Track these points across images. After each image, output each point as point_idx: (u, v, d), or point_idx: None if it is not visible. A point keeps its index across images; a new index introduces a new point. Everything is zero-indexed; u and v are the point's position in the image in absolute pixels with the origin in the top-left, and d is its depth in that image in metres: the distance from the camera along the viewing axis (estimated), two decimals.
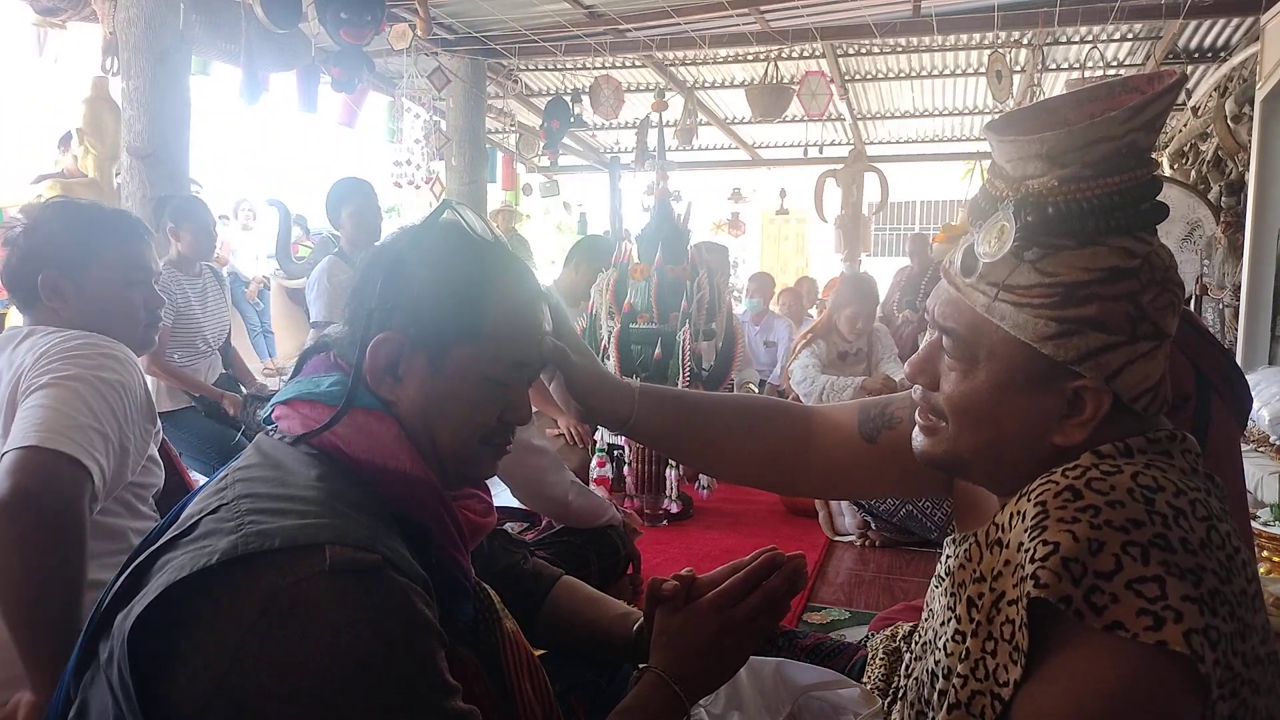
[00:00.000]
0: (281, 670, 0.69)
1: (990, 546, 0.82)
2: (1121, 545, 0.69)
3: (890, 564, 2.73)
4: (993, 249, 0.80)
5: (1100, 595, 0.68)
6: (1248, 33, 5.32)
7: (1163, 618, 0.66)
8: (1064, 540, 0.70)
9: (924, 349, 0.89)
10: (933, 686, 0.85)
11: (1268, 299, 4.56)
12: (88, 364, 1.36)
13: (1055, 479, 0.77)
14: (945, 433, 0.87)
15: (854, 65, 6.90)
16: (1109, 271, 0.76)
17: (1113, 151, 0.76)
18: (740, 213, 10.23)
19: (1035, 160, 0.79)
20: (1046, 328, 0.77)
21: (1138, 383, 0.78)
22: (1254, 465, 3.22)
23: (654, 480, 3.03)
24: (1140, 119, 0.75)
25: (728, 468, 1.19)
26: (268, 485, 0.80)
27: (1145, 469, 0.75)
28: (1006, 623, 0.75)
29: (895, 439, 1.07)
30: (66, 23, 4.56)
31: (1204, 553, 0.70)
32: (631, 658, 1.16)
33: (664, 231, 3.11)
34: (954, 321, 0.83)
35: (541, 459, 2.07)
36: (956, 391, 0.84)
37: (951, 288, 0.85)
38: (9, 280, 1.54)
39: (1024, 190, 0.79)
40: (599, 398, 1.10)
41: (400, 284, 0.87)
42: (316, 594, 0.71)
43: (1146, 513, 0.71)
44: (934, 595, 0.97)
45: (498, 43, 5.93)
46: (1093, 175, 0.76)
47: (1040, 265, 0.78)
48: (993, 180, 0.84)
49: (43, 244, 1.51)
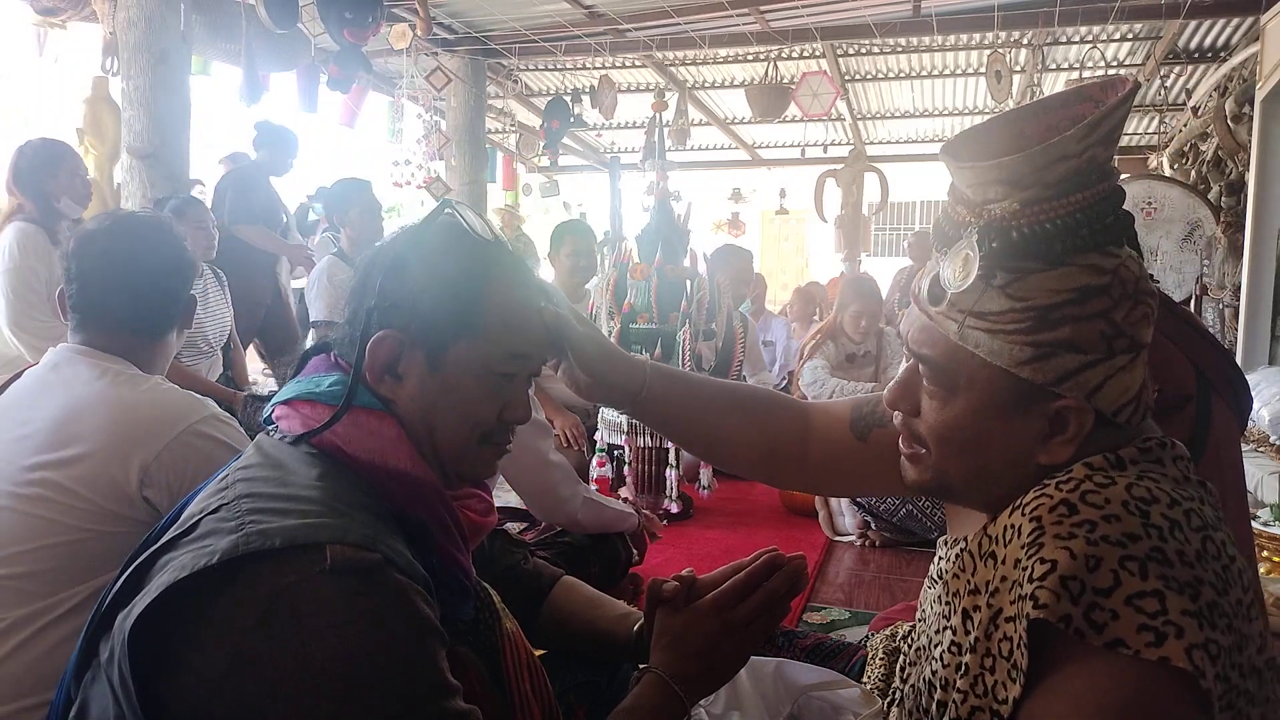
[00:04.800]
0: (282, 670, 0.70)
1: (984, 558, 0.81)
2: (1119, 560, 0.68)
3: (890, 564, 2.73)
4: (958, 278, 0.79)
5: (1100, 612, 0.68)
6: (1248, 33, 5.31)
7: (1164, 633, 0.66)
8: (1061, 558, 0.70)
9: (902, 375, 0.88)
10: (930, 696, 0.85)
11: (1268, 299, 4.56)
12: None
13: (1049, 492, 0.76)
14: (928, 460, 0.86)
15: (854, 65, 6.90)
16: (1080, 291, 0.75)
17: (1072, 170, 0.75)
18: (740, 213, 10.24)
19: (995, 185, 0.77)
20: (1022, 352, 0.76)
21: (1118, 396, 0.77)
22: (1254, 465, 3.22)
23: (654, 480, 3.03)
24: (1097, 134, 0.75)
25: (727, 454, 1.18)
26: (268, 485, 0.80)
27: (1138, 480, 0.75)
28: (1004, 640, 0.74)
29: (885, 437, 1.06)
30: (66, 23, 4.56)
31: (1200, 565, 0.70)
32: (632, 658, 1.16)
33: (664, 231, 3.11)
34: (929, 349, 0.83)
35: (555, 472, 2.07)
36: (938, 420, 0.84)
37: (923, 315, 0.84)
38: (130, 307, 1.41)
39: (986, 216, 0.78)
40: (609, 370, 1.07)
41: (399, 282, 0.88)
42: (317, 593, 0.71)
43: (1142, 526, 0.70)
44: (926, 597, 0.96)
45: (498, 43, 5.93)
46: (1054, 195, 0.76)
47: (1009, 290, 0.77)
48: (954, 205, 0.82)
49: (186, 275, 1.47)
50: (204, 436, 1.34)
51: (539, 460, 2.02)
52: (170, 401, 1.36)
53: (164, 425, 1.31)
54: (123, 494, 1.27)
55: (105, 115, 4.44)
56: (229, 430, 1.38)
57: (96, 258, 1.39)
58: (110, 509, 1.27)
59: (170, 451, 1.30)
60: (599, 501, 2.20)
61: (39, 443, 1.28)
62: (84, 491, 1.26)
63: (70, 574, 1.24)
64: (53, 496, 1.25)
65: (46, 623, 1.22)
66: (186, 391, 1.41)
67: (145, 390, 1.37)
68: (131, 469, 1.27)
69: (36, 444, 1.28)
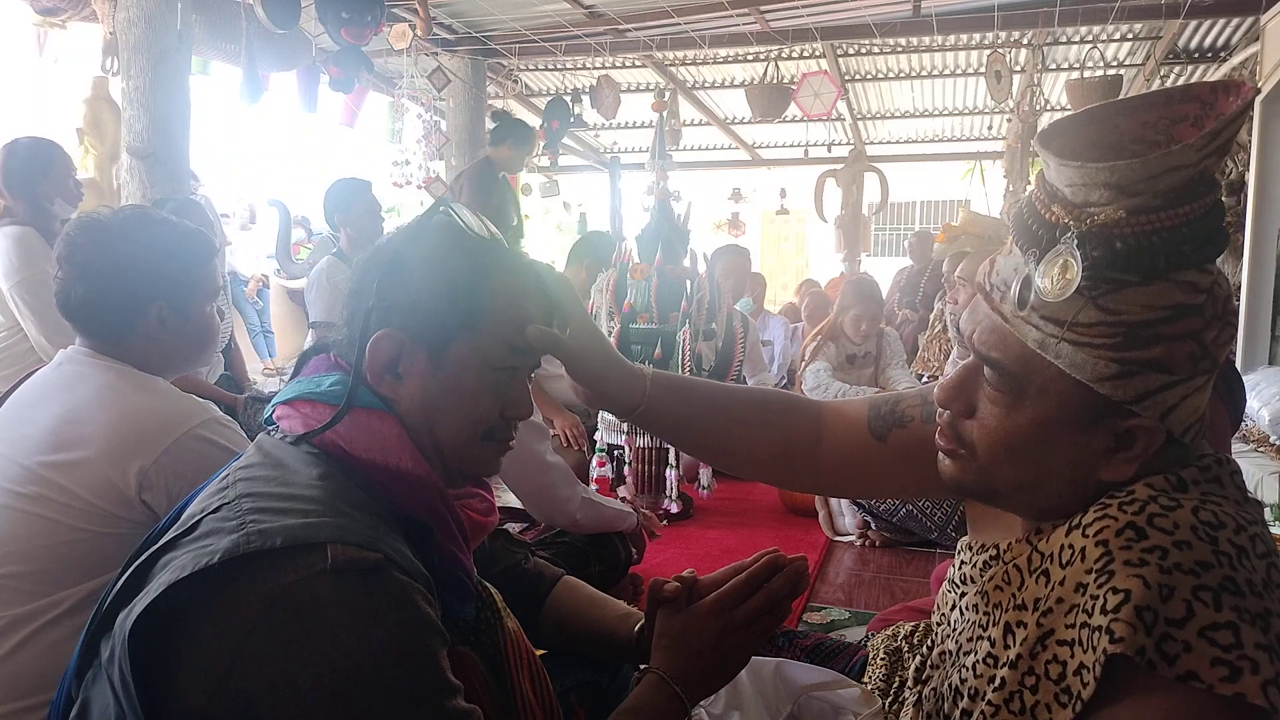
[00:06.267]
0: (283, 669, 0.69)
1: (1036, 575, 0.79)
2: (1192, 590, 0.66)
3: (890, 564, 2.73)
4: (1055, 286, 0.73)
5: (1172, 644, 0.65)
6: (1248, 33, 5.32)
7: (1239, 668, 0.64)
8: (1135, 587, 0.67)
9: (959, 373, 0.84)
10: (955, 704, 0.84)
11: (1268, 299, 4.56)
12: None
13: (1112, 514, 0.73)
14: (974, 463, 0.83)
15: (854, 65, 6.91)
16: (1174, 309, 0.71)
17: (1186, 180, 0.71)
18: (740, 213, 10.24)
19: (1100, 189, 0.73)
20: (1107, 369, 0.72)
21: (1188, 416, 0.74)
22: (1254, 465, 3.22)
23: (654, 480, 3.03)
24: (1215, 144, 0.70)
25: (738, 461, 1.13)
26: (269, 484, 0.80)
27: (1203, 503, 0.72)
28: (1054, 662, 0.72)
29: (906, 438, 1.03)
30: (66, 23, 4.56)
31: (1269, 594, 0.68)
32: (633, 658, 1.16)
33: (664, 231, 3.11)
34: (999, 353, 0.78)
35: (553, 474, 2.07)
36: (998, 427, 0.80)
37: (995, 315, 0.79)
38: (90, 309, 1.38)
39: (1088, 221, 0.73)
40: (609, 383, 1.04)
41: (397, 281, 0.88)
42: (318, 593, 0.71)
43: (1213, 553, 0.68)
44: (949, 600, 0.94)
45: (498, 43, 5.94)
46: (1163, 205, 0.71)
47: (1101, 302, 0.72)
48: (1047, 204, 0.76)
49: (152, 272, 1.40)
50: (203, 440, 1.33)
51: (537, 462, 2.02)
52: (170, 405, 1.36)
53: (164, 430, 1.31)
54: (121, 497, 1.27)
55: (105, 115, 4.45)
56: (229, 433, 1.38)
57: (65, 261, 1.39)
58: (109, 510, 1.27)
59: (169, 455, 1.29)
60: (597, 502, 2.20)
61: (40, 443, 1.28)
62: (83, 493, 1.26)
63: (69, 574, 1.25)
64: (53, 497, 1.25)
65: (46, 622, 1.22)
66: (187, 395, 1.40)
67: (146, 393, 1.36)
68: (130, 473, 1.27)
69: (38, 444, 1.28)
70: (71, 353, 1.40)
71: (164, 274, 1.42)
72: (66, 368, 1.38)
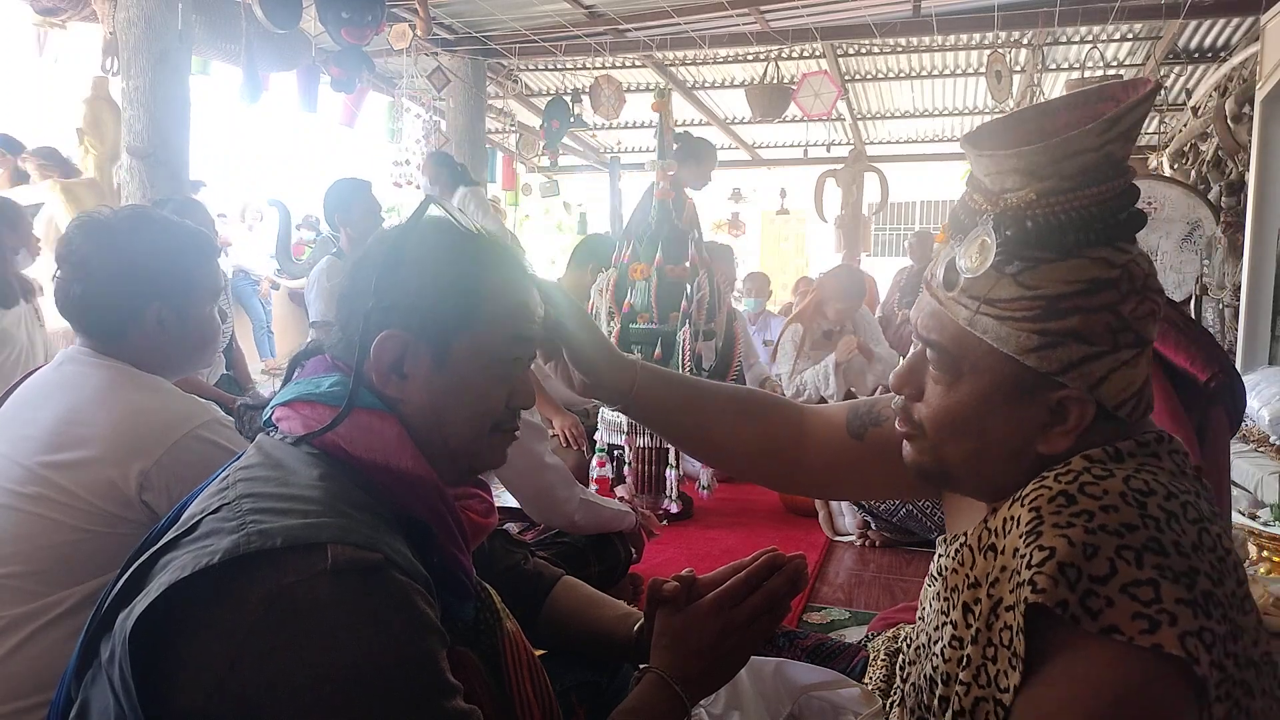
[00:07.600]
0: (283, 670, 0.69)
1: (984, 551, 0.82)
2: (1116, 549, 0.69)
3: (890, 564, 2.73)
4: (974, 264, 0.80)
5: (1095, 599, 0.69)
6: (1248, 33, 5.32)
7: (1157, 621, 0.67)
8: (1059, 545, 0.71)
9: (909, 360, 0.90)
10: (932, 692, 0.85)
11: (1268, 299, 4.56)
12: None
13: (1048, 484, 0.77)
14: (925, 442, 0.88)
15: (854, 65, 6.91)
16: (1090, 283, 0.77)
17: (1090, 163, 0.77)
18: (740, 213, 10.25)
19: (1013, 174, 0.79)
20: (1029, 340, 0.78)
21: (1120, 390, 0.79)
22: (1254, 465, 3.21)
23: (654, 480, 3.03)
24: (1116, 130, 0.76)
25: (722, 454, 1.19)
26: (269, 485, 0.80)
27: (1136, 472, 0.76)
28: (1005, 629, 0.75)
29: (881, 436, 1.08)
30: (66, 23, 4.57)
31: (1196, 555, 0.71)
32: (632, 658, 1.16)
33: (664, 231, 3.11)
34: (937, 334, 0.84)
35: (551, 475, 2.07)
36: (940, 405, 0.85)
37: (934, 300, 0.85)
38: (88, 309, 1.38)
39: (1003, 204, 0.79)
40: (602, 370, 1.09)
41: (395, 282, 0.88)
42: (318, 593, 0.71)
43: (1140, 516, 0.71)
44: (926, 595, 0.97)
45: (498, 43, 5.94)
46: (1071, 188, 0.77)
47: (1021, 278, 0.78)
48: (971, 194, 0.84)
49: (151, 272, 1.39)
50: (205, 441, 1.33)
51: (535, 463, 2.02)
52: (172, 406, 1.36)
53: (165, 430, 1.31)
54: (121, 497, 1.27)
55: (105, 115, 4.45)
56: (230, 434, 1.37)
57: (64, 261, 1.38)
58: (109, 511, 1.27)
59: (170, 456, 1.29)
60: (595, 503, 2.20)
61: (41, 443, 1.28)
62: (83, 493, 1.26)
63: (69, 574, 1.24)
64: (53, 497, 1.25)
65: (46, 622, 1.22)
66: (188, 395, 1.40)
67: (147, 393, 1.36)
68: (131, 473, 1.27)
69: (39, 444, 1.28)
70: (72, 352, 1.40)
71: (163, 274, 1.41)
72: (67, 367, 1.38)
